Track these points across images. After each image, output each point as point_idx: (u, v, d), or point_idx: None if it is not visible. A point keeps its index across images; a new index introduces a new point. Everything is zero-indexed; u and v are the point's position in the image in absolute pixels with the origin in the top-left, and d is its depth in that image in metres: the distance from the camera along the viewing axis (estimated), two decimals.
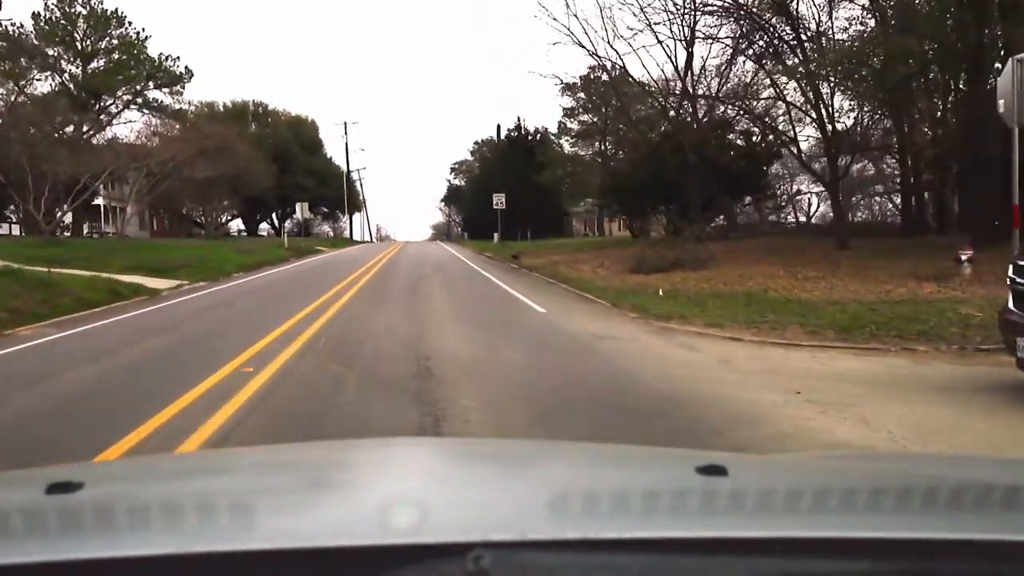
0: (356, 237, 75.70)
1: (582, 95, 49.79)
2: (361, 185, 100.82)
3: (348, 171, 69.98)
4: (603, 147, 50.64)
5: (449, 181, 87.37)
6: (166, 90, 44.66)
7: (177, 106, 45.82)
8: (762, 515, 1.19)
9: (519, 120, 60.38)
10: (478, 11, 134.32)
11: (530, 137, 56.70)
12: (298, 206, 42.70)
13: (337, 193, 66.69)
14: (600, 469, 1.66)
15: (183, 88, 45.04)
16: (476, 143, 76.79)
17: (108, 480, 1.59)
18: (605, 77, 31.72)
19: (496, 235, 40.06)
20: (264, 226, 70.84)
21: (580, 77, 47.61)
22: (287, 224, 65.53)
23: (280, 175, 59.14)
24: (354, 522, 1.12)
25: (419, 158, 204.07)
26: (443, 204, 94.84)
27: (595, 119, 48.87)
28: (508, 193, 43.82)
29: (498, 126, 52.74)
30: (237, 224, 67.82)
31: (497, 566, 0.85)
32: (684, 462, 1.67)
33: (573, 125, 54.34)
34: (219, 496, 1.37)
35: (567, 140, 53.30)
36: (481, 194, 53.90)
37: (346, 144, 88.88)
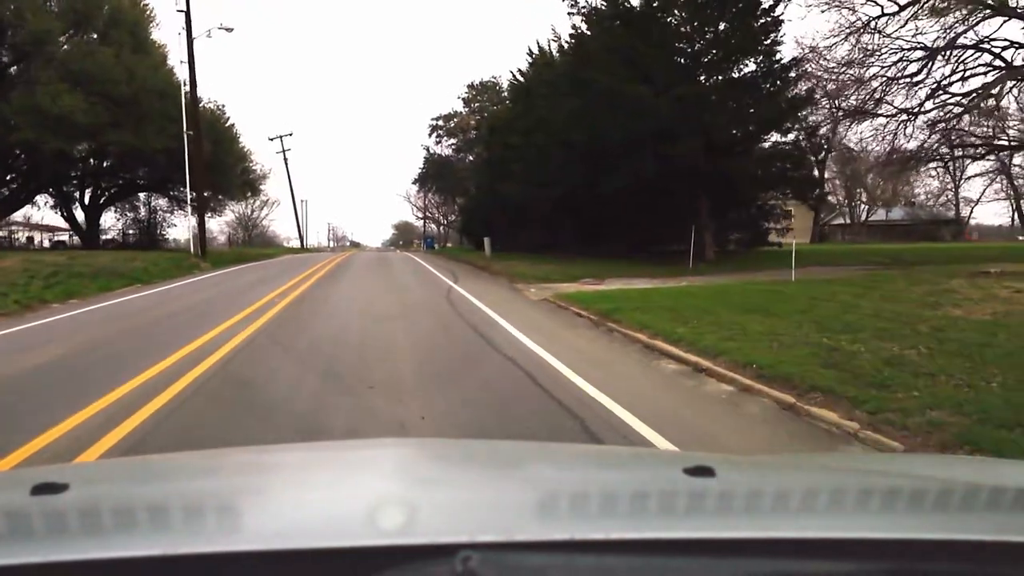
0: (296, 243, 47.20)
1: None
2: (286, 160, 62.44)
3: (191, 69, 27.86)
4: None
5: (428, 150, 54.41)
6: None
7: None
8: (750, 516, 1.20)
9: None
10: None
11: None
12: None
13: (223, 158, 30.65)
14: (587, 470, 1.66)
15: None
16: (470, 87, 51.04)
17: (93, 481, 1.57)
18: None
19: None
20: (43, 213, 35.24)
21: None
22: (105, 216, 30.96)
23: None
24: (342, 523, 1.11)
25: (378, 136, 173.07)
26: (416, 188, 61.56)
27: None
28: (602, 146, 19.63)
29: None
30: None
31: (485, 567, 0.85)
32: (672, 463, 1.68)
33: None
34: (206, 497, 1.37)
35: None
36: (507, 161, 27.24)
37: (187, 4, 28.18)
